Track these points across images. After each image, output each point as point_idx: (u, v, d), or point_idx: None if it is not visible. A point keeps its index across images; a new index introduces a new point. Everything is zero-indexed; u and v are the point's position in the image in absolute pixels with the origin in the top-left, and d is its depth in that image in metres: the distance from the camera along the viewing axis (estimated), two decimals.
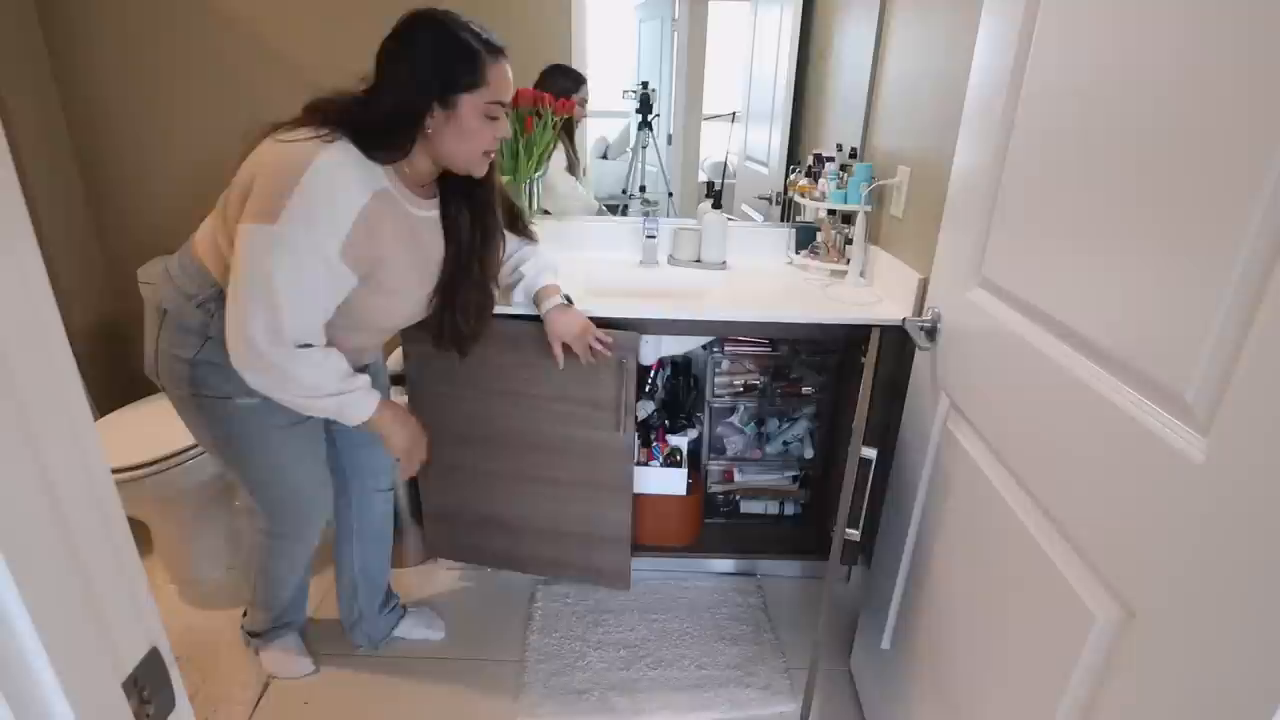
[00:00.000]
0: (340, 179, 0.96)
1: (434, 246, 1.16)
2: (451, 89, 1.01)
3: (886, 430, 1.45)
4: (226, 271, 1.02)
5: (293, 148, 0.96)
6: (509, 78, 1.07)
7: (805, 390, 1.81)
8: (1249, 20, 0.56)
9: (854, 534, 1.11)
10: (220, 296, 1.06)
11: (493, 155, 1.10)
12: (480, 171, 1.10)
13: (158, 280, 1.13)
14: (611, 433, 1.48)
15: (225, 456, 1.21)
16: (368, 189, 0.99)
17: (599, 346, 1.36)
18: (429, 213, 1.13)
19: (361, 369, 1.18)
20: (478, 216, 1.18)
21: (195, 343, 1.09)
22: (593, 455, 1.52)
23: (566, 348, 1.36)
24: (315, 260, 0.97)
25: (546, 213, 1.98)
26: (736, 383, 1.82)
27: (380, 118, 1.00)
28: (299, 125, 0.99)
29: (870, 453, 1.06)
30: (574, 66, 1.84)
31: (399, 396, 1.84)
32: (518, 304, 1.38)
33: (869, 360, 1.25)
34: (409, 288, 1.14)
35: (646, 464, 1.72)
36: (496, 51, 1.04)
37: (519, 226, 1.37)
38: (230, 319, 0.99)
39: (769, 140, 2.02)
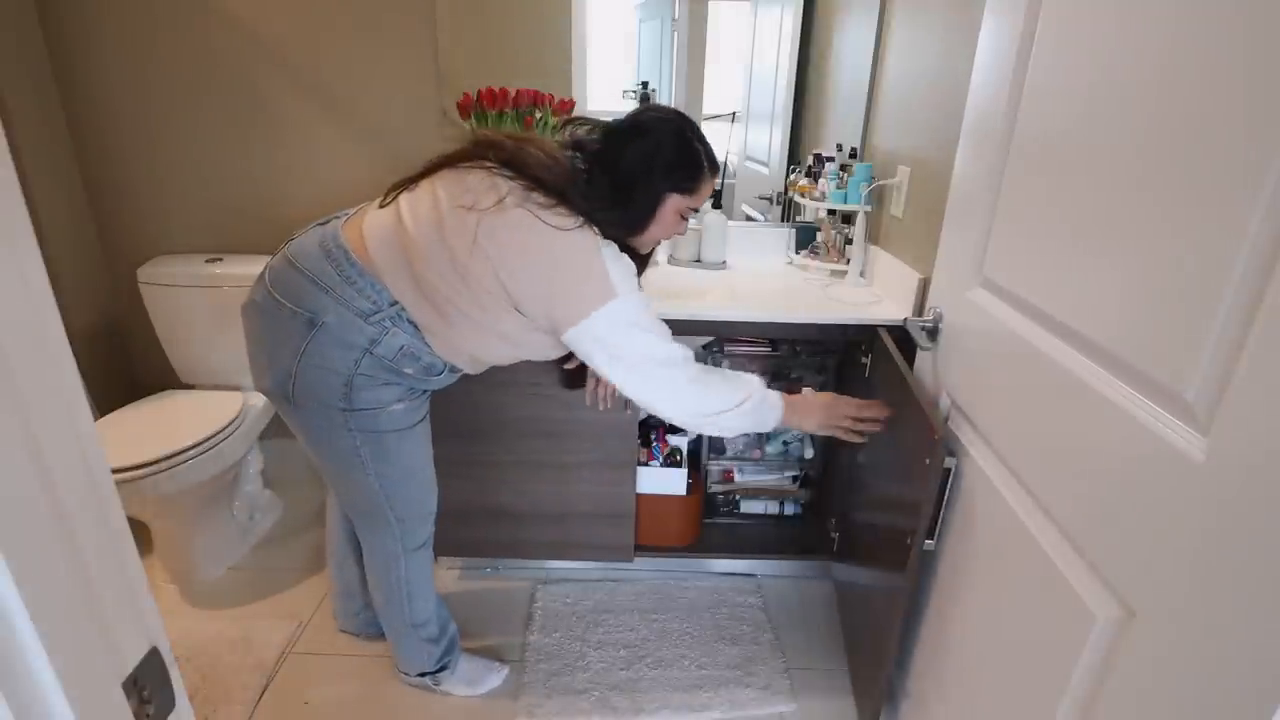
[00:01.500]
0: (616, 256, 1.08)
1: None
2: (670, 188, 1.10)
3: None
4: (416, 298, 1.07)
5: (569, 237, 1.03)
6: (712, 189, 1.17)
7: (805, 390, 1.81)
8: (1250, 20, 0.56)
9: (930, 544, 1.11)
10: (396, 315, 1.07)
11: None
12: (647, 249, 1.23)
13: (291, 291, 1.08)
14: (621, 412, 1.53)
15: (367, 469, 1.18)
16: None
17: None
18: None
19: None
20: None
21: (356, 356, 1.08)
22: (601, 435, 1.56)
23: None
24: (652, 310, 1.10)
25: None
26: None
27: (611, 206, 1.08)
28: (529, 189, 1.05)
29: (951, 461, 1.06)
30: (574, 67, 1.85)
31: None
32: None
33: (900, 361, 1.24)
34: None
35: (646, 464, 1.72)
36: (716, 169, 1.14)
37: None
38: (657, 403, 1.13)
39: (769, 140, 2.02)
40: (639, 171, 1.08)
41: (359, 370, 1.08)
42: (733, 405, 1.13)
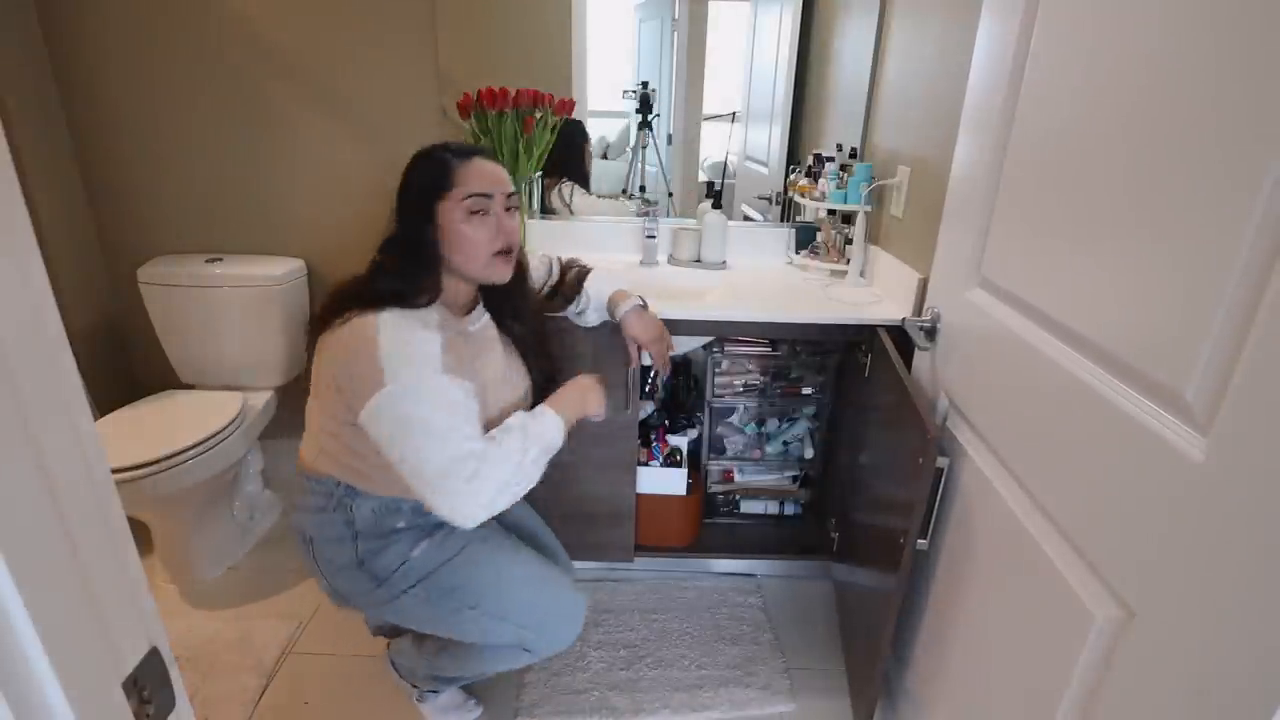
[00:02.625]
0: (406, 327, 0.98)
1: (494, 348, 1.17)
2: (430, 202, 1.04)
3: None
4: (341, 467, 1.08)
5: (347, 328, 0.98)
6: (488, 171, 1.06)
7: (805, 390, 1.81)
8: (1250, 20, 0.56)
9: (923, 544, 1.11)
10: (348, 491, 1.09)
11: (512, 257, 1.10)
12: (501, 277, 1.09)
13: (295, 520, 1.15)
14: (621, 411, 1.53)
15: (465, 610, 1.13)
16: (432, 328, 1.01)
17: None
18: (479, 323, 1.15)
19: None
20: (520, 315, 1.22)
21: (351, 545, 1.10)
22: (602, 435, 1.55)
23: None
24: (437, 389, 0.97)
25: (544, 213, 1.98)
26: (736, 383, 1.82)
27: (400, 263, 1.04)
28: (338, 323, 1.01)
29: (944, 461, 1.06)
30: (574, 67, 1.85)
31: None
32: (592, 323, 1.40)
33: (896, 361, 1.25)
34: (501, 396, 1.14)
35: (646, 464, 1.72)
36: (468, 152, 1.06)
37: (567, 281, 1.39)
38: (413, 480, 0.95)
39: (769, 140, 2.02)
40: (400, 211, 1.07)
41: (362, 551, 1.10)
42: (517, 462, 1.00)
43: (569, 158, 1.95)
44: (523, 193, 1.79)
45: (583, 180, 2.02)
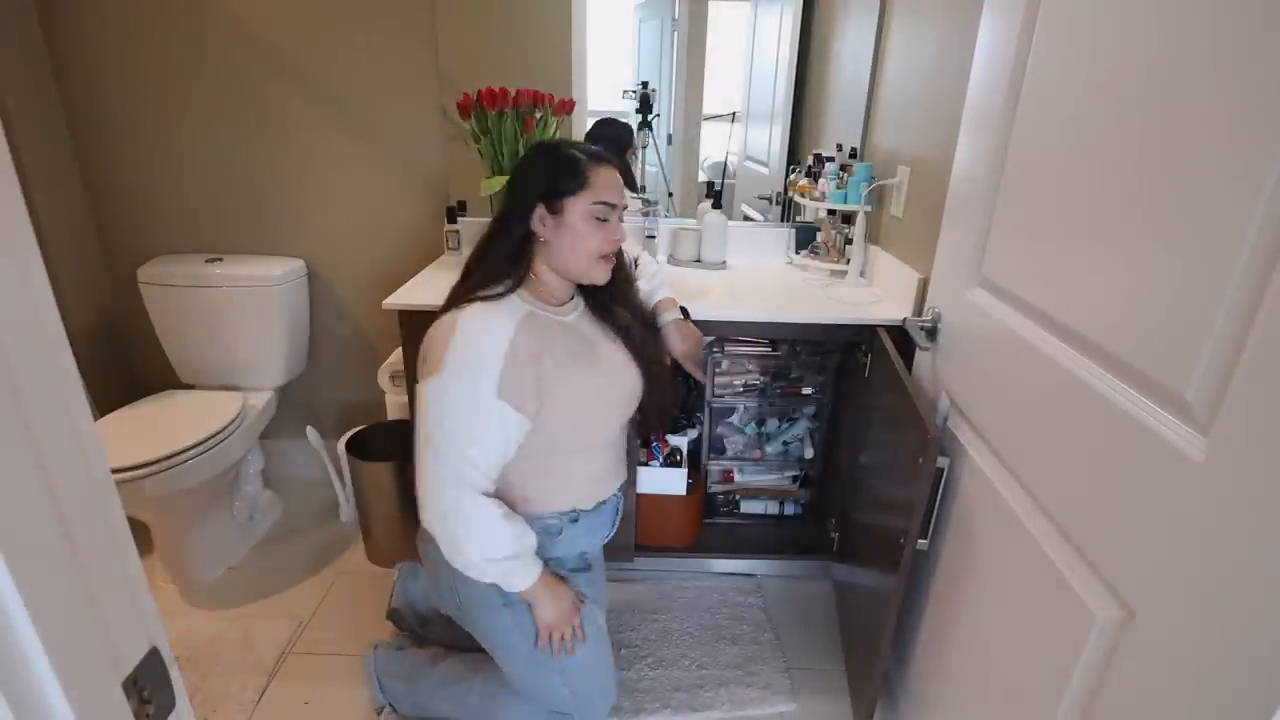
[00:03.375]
0: (484, 323, 1.01)
1: (602, 340, 1.15)
2: (557, 194, 1.05)
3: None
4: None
5: (438, 324, 1.03)
6: (616, 183, 1.08)
7: (805, 390, 1.81)
8: (1250, 19, 0.56)
9: (924, 544, 1.11)
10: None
11: (612, 260, 1.12)
12: (601, 278, 1.11)
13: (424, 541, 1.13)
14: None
15: (545, 653, 1.14)
16: (512, 320, 1.02)
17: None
18: (576, 311, 1.14)
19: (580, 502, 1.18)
20: (624, 299, 1.21)
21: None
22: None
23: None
24: (477, 405, 0.99)
25: None
26: (736, 383, 1.82)
27: (497, 242, 1.08)
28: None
29: (944, 461, 1.05)
30: (574, 67, 1.85)
31: (399, 396, 1.85)
32: None
33: (896, 361, 1.24)
34: (594, 390, 1.11)
35: (646, 464, 1.72)
36: (599, 158, 1.07)
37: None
38: (418, 473, 1.02)
39: (769, 140, 2.02)
40: (514, 194, 1.08)
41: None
42: (486, 557, 1.02)
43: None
44: None
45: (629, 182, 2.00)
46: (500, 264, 1.07)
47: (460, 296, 1.05)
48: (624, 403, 1.17)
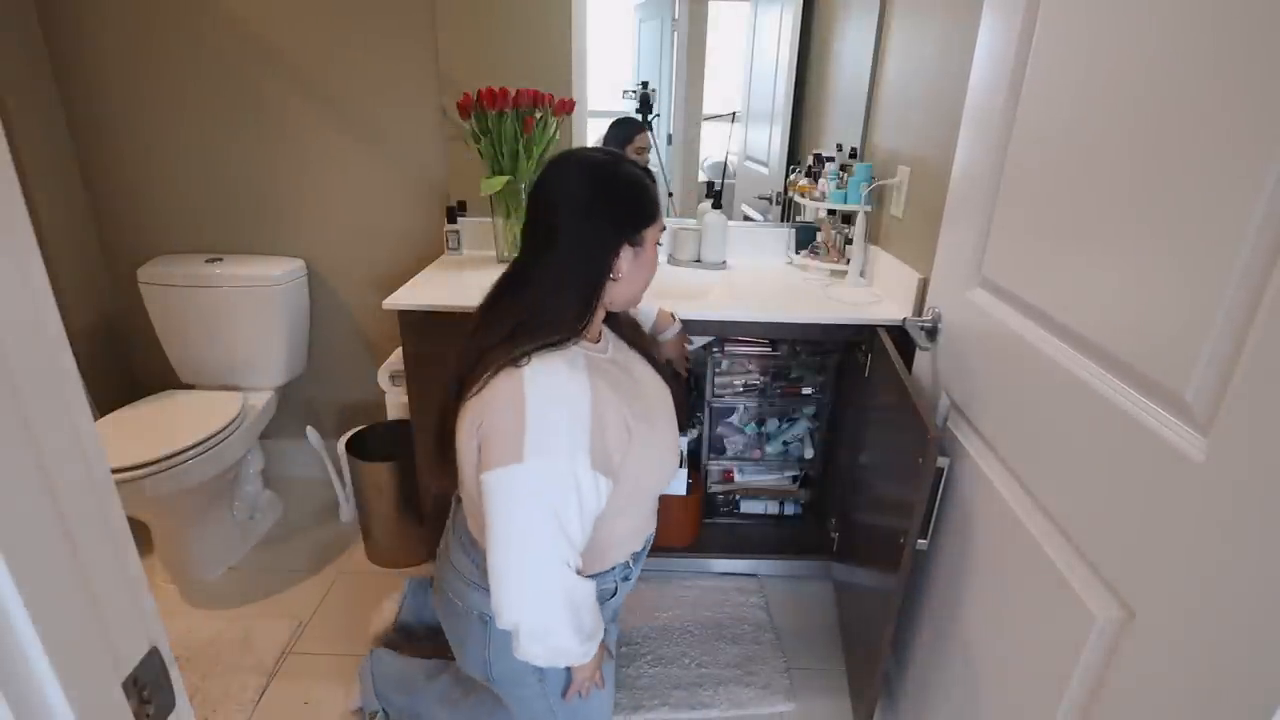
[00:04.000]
0: (561, 384, 0.86)
1: (637, 369, 1.02)
2: (639, 229, 0.91)
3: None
4: None
5: (496, 389, 0.85)
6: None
7: (805, 390, 1.81)
8: (1250, 19, 0.56)
9: (924, 544, 1.10)
10: None
11: None
12: (640, 297, 1.00)
13: (458, 589, 1.02)
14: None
15: (561, 709, 1.07)
16: (581, 370, 0.87)
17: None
18: (611, 344, 1.01)
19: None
20: (637, 330, 1.12)
21: None
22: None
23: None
24: (572, 482, 0.85)
25: None
26: (736, 383, 1.82)
27: (570, 294, 0.90)
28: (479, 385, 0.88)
29: (944, 461, 1.05)
30: (574, 67, 1.85)
31: (399, 396, 1.85)
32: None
33: (896, 361, 1.24)
34: (658, 423, 0.99)
35: None
36: (651, 178, 0.95)
37: None
38: (499, 569, 0.85)
39: (769, 140, 2.02)
40: (587, 243, 0.89)
41: None
42: (566, 646, 0.89)
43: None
44: (522, 193, 1.79)
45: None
46: (567, 320, 0.89)
47: (509, 355, 0.86)
48: (675, 427, 1.05)
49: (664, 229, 0.99)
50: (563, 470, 0.83)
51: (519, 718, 1.11)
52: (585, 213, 0.89)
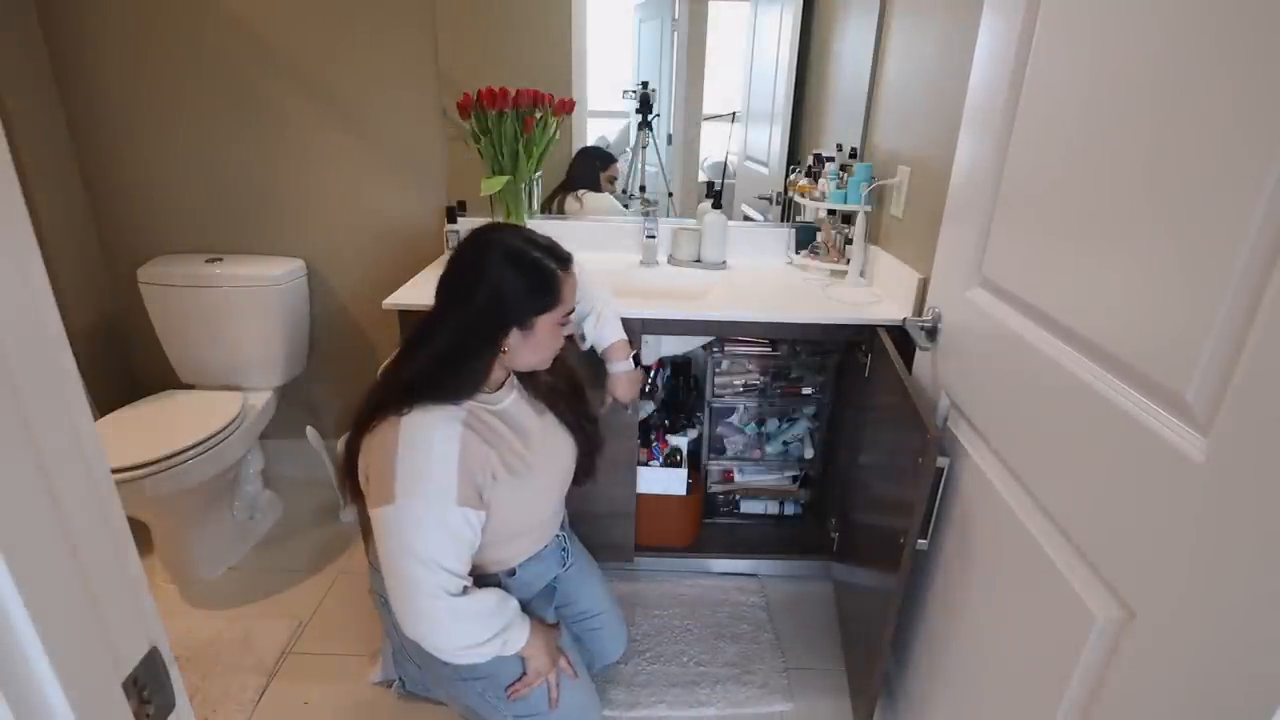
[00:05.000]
0: (429, 432, 0.97)
1: (532, 416, 1.14)
2: (531, 315, 1.02)
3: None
4: None
5: (377, 432, 0.98)
6: (575, 285, 1.07)
7: (805, 390, 1.81)
8: (1250, 20, 0.56)
9: (924, 544, 1.11)
10: None
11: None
12: (545, 366, 1.11)
13: (375, 582, 1.15)
14: (620, 413, 1.53)
15: (513, 717, 1.13)
16: (455, 421, 0.99)
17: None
18: (509, 398, 1.11)
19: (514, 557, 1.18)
20: (556, 375, 1.20)
21: None
22: (606, 435, 1.54)
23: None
24: (438, 520, 0.96)
25: (544, 212, 1.99)
26: (736, 383, 1.82)
27: (459, 363, 1.01)
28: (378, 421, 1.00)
29: (944, 461, 1.05)
30: (574, 67, 1.85)
31: None
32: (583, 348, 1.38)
33: (896, 361, 1.24)
34: (536, 470, 1.10)
35: (647, 464, 1.72)
36: (566, 263, 1.05)
37: None
38: (391, 592, 0.98)
39: (769, 140, 2.02)
40: (478, 318, 1.00)
41: None
42: (479, 641, 1.01)
43: (585, 178, 1.99)
44: (521, 194, 1.79)
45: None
46: (449, 390, 1.00)
47: (401, 402, 0.98)
48: (564, 476, 1.19)
49: (568, 313, 1.06)
50: (428, 510, 0.95)
51: (478, 712, 1.17)
52: (486, 290, 0.99)
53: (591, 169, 1.99)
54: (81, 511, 0.37)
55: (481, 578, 1.12)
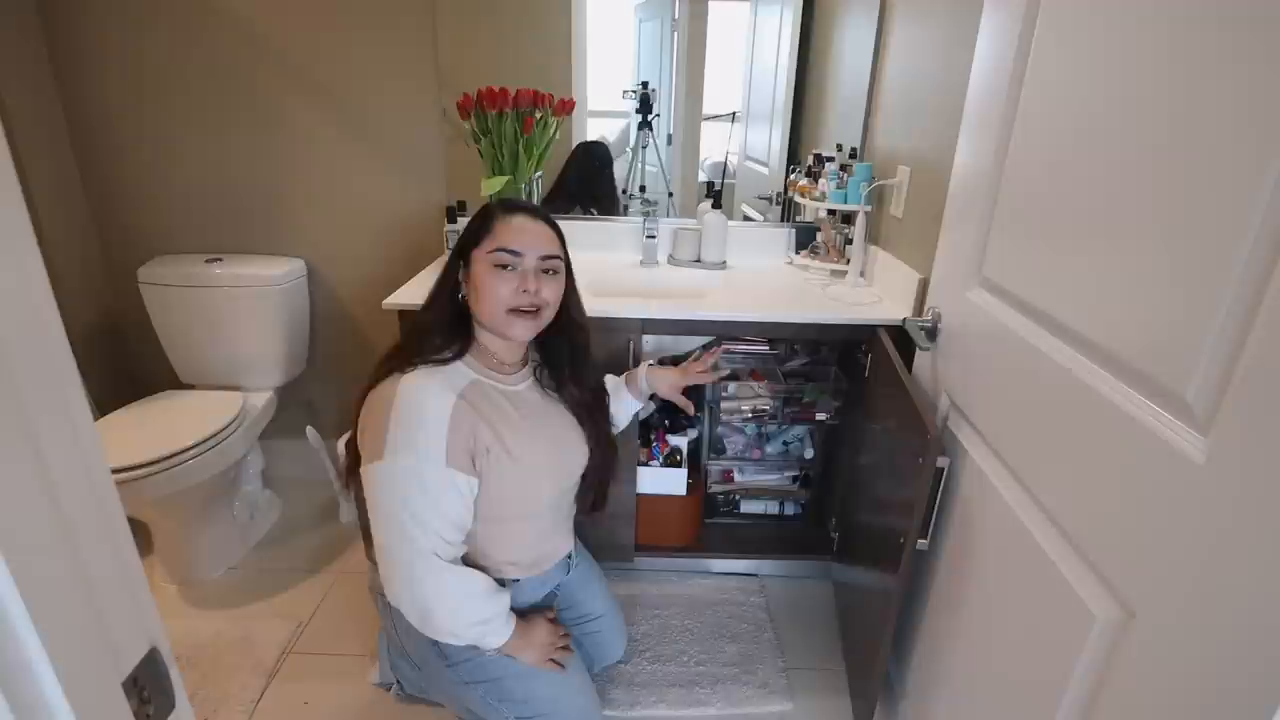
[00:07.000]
0: (423, 393, 0.99)
1: (549, 411, 1.16)
2: (468, 249, 1.06)
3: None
4: None
5: (379, 389, 1.01)
6: (526, 229, 1.05)
7: (819, 416, 1.80)
8: (1250, 21, 0.56)
9: (924, 544, 1.11)
10: None
11: (533, 317, 1.06)
12: (518, 335, 1.07)
13: (374, 580, 1.12)
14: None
15: (504, 707, 1.13)
16: (453, 390, 1.01)
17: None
18: (525, 383, 1.14)
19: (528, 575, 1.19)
20: (579, 380, 1.20)
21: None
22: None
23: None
24: (427, 478, 0.98)
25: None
26: (745, 408, 1.81)
27: (437, 308, 1.08)
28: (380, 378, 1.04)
29: (944, 461, 1.05)
30: (574, 67, 1.85)
31: None
32: (622, 424, 1.40)
33: (896, 361, 1.24)
34: (536, 459, 1.10)
35: (646, 464, 1.72)
36: (511, 208, 1.08)
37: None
38: (379, 554, 0.99)
39: (769, 140, 2.02)
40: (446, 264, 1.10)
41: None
42: (459, 622, 1.02)
43: (588, 182, 1.97)
44: (522, 193, 1.80)
45: (610, 204, 2.02)
46: (441, 331, 1.06)
47: (403, 361, 1.02)
48: (568, 468, 1.19)
49: (505, 253, 1.04)
50: (416, 468, 0.96)
51: (478, 713, 1.17)
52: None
53: (591, 169, 1.99)
54: (81, 511, 0.37)
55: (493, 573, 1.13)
